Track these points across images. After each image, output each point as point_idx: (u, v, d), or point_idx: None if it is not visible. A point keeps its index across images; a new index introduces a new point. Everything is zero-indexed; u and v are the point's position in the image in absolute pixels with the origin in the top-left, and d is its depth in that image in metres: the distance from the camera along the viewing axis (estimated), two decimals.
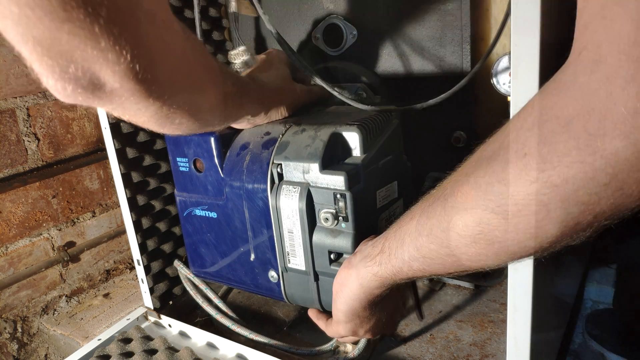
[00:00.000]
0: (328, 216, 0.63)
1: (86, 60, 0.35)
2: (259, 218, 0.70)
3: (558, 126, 0.31)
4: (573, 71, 0.32)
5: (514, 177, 0.34)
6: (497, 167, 0.35)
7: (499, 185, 0.35)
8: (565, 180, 0.31)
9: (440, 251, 0.42)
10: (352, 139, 0.66)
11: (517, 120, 0.36)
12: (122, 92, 0.39)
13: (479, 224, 0.37)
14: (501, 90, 0.79)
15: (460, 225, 0.39)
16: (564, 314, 0.77)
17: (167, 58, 0.41)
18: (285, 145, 0.68)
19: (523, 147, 0.33)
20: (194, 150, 0.75)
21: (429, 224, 0.43)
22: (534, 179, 0.32)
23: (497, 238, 0.37)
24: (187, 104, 0.48)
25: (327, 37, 0.96)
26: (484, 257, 0.39)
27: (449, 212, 0.40)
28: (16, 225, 1.05)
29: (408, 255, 0.46)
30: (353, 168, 0.63)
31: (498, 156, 0.36)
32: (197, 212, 0.77)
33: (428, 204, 0.44)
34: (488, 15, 0.85)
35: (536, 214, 0.33)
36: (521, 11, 0.41)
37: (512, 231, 0.35)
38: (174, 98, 0.45)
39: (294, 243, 0.67)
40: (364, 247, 0.55)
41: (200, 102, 0.52)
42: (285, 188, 0.65)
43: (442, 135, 0.90)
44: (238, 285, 0.79)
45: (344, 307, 0.57)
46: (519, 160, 0.33)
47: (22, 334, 1.07)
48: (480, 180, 0.37)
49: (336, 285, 0.58)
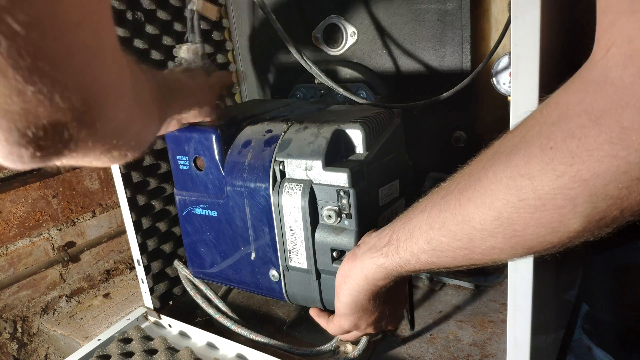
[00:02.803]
0: (331, 213, 0.63)
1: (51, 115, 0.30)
2: (260, 216, 0.69)
3: (588, 121, 0.31)
4: (603, 67, 0.31)
5: (538, 171, 0.33)
6: (520, 161, 0.35)
7: (521, 179, 0.34)
8: (595, 174, 0.31)
9: (452, 244, 0.42)
10: (355, 135, 0.66)
11: (539, 115, 0.36)
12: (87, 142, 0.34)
13: (497, 218, 0.37)
14: (501, 90, 0.79)
15: (477, 219, 0.38)
16: (565, 313, 0.77)
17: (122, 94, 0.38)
18: (287, 142, 0.68)
19: (548, 141, 0.33)
20: (195, 148, 0.75)
21: (442, 217, 0.42)
22: (560, 173, 0.32)
23: (516, 232, 0.36)
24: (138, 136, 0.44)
25: (327, 37, 0.96)
26: (498, 250, 0.39)
27: (464, 205, 0.40)
28: (16, 225, 1.05)
29: (417, 248, 0.46)
30: (357, 165, 0.63)
31: (520, 150, 0.35)
32: (197, 211, 0.77)
33: (440, 196, 0.44)
34: (488, 15, 0.85)
35: (561, 208, 0.33)
36: (521, 11, 0.41)
37: (534, 225, 0.35)
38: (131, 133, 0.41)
39: (296, 241, 0.67)
40: (368, 239, 0.55)
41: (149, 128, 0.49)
42: (288, 185, 0.65)
43: (442, 135, 0.90)
44: (238, 285, 0.78)
45: (347, 299, 0.57)
46: (544, 154, 0.33)
47: (22, 334, 1.07)
48: (500, 174, 0.36)
49: (339, 277, 0.57)
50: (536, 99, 0.43)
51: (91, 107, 0.33)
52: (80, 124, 0.32)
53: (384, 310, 0.60)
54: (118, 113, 0.37)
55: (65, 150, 0.33)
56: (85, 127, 0.33)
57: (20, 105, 0.29)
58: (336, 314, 0.61)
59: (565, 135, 0.32)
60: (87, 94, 0.32)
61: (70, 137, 0.33)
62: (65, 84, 0.30)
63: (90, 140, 0.34)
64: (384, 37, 0.90)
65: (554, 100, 0.35)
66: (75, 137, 0.33)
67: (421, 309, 0.87)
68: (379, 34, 0.91)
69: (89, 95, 0.32)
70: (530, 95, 0.43)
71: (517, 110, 0.45)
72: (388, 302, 0.60)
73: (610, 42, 0.31)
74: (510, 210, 0.36)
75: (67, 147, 0.33)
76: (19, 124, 0.29)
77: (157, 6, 0.87)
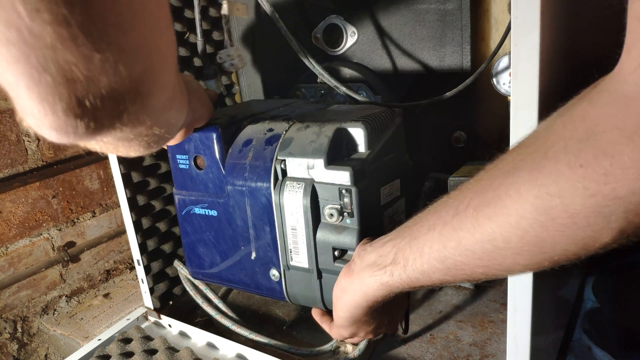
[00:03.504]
0: (333, 212, 0.63)
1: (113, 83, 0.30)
2: (261, 215, 0.69)
3: (621, 137, 0.30)
4: (635, 82, 0.30)
5: (569, 190, 0.32)
6: (546, 179, 0.34)
7: (550, 198, 0.33)
8: (631, 191, 0.30)
9: (470, 263, 0.40)
10: (357, 134, 0.66)
11: (562, 130, 0.34)
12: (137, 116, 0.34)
13: (523, 237, 0.36)
14: (501, 90, 0.79)
15: (500, 238, 0.37)
16: (565, 313, 0.77)
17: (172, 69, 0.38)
18: (289, 141, 0.68)
19: (577, 158, 0.32)
20: (195, 147, 0.74)
21: (456, 236, 0.40)
22: (594, 191, 0.31)
23: (543, 250, 0.35)
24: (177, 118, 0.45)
25: (327, 37, 0.96)
26: (522, 266, 0.38)
27: (483, 224, 0.38)
28: (16, 225, 1.05)
29: (428, 267, 0.44)
30: (359, 163, 0.63)
31: (544, 168, 0.34)
32: (197, 210, 0.77)
33: (450, 214, 0.41)
34: (488, 15, 0.85)
35: (594, 225, 0.32)
36: (521, 11, 0.41)
37: (564, 242, 0.34)
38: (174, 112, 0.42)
39: (297, 240, 0.67)
40: (365, 254, 0.53)
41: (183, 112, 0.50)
42: (289, 184, 0.65)
43: (442, 135, 0.90)
44: (237, 285, 0.78)
45: (344, 315, 0.56)
46: (573, 173, 0.32)
47: (22, 334, 1.07)
48: (526, 193, 0.35)
49: (337, 292, 0.57)
50: (536, 99, 0.43)
51: (149, 77, 0.33)
52: (136, 94, 0.32)
53: (382, 319, 0.60)
54: (168, 85, 0.37)
55: (117, 123, 0.33)
56: (140, 98, 0.33)
57: (84, 73, 0.29)
58: (334, 324, 0.61)
59: (597, 153, 0.31)
60: (148, 63, 0.32)
61: (124, 109, 0.33)
62: (129, 51, 0.30)
63: (142, 112, 0.34)
64: (384, 37, 0.90)
65: (578, 113, 0.34)
66: (129, 108, 0.33)
67: (421, 309, 0.87)
68: (379, 34, 0.91)
69: (148, 65, 0.32)
70: (530, 95, 0.43)
71: (517, 110, 0.44)
72: (387, 313, 0.60)
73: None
74: (538, 229, 0.35)
75: (120, 119, 0.33)
76: (80, 93, 0.29)
77: None
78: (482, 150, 0.90)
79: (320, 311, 0.68)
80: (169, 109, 0.41)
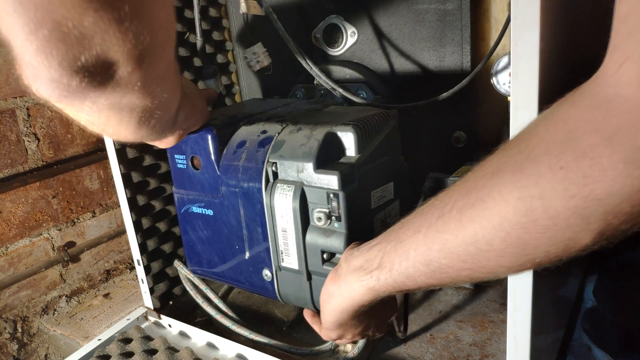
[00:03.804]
0: (321, 216, 0.63)
1: (105, 44, 0.31)
2: (253, 216, 0.70)
3: (600, 139, 0.30)
4: (616, 83, 0.30)
5: (550, 192, 0.32)
6: (528, 181, 0.34)
7: (531, 200, 0.33)
8: (609, 193, 0.30)
9: (454, 265, 0.40)
10: (346, 138, 0.66)
11: (544, 132, 0.34)
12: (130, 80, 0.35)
13: (506, 238, 0.36)
14: (501, 90, 0.79)
15: (483, 241, 0.37)
16: (565, 313, 0.77)
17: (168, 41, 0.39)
18: (280, 144, 0.68)
19: (558, 160, 0.32)
20: (192, 147, 0.75)
21: (441, 238, 0.40)
22: (573, 193, 0.31)
23: (525, 251, 0.36)
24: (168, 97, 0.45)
25: (327, 37, 0.96)
26: (505, 268, 0.38)
27: (467, 226, 0.38)
28: (16, 225, 1.05)
29: (414, 270, 0.44)
30: (347, 168, 0.63)
31: (526, 169, 0.34)
32: (194, 209, 0.78)
33: (436, 216, 0.41)
34: (488, 15, 0.85)
35: (574, 226, 0.32)
36: (521, 11, 0.41)
37: (545, 244, 0.34)
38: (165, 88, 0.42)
39: (288, 242, 0.67)
40: (352, 259, 0.53)
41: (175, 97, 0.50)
42: (280, 187, 0.65)
43: (442, 135, 0.90)
44: (233, 283, 0.79)
45: (331, 318, 0.56)
46: (554, 175, 0.32)
47: (22, 334, 1.07)
48: (507, 194, 0.35)
49: (324, 296, 0.57)
50: (536, 99, 0.43)
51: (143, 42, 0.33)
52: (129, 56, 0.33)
53: (369, 322, 0.60)
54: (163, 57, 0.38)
55: (109, 84, 0.34)
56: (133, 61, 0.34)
57: (79, 29, 0.30)
58: (322, 326, 0.61)
59: (577, 155, 0.31)
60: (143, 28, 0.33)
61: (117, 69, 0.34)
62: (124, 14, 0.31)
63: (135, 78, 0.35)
64: (384, 37, 0.90)
65: (560, 116, 0.34)
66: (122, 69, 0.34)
67: (421, 309, 0.87)
68: (379, 34, 0.91)
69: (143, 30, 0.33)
70: (530, 95, 0.43)
71: (517, 110, 0.44)
72: (374, 315, 0.60)
73: (624, 55, 0.30)
74: (520, 231, 0.35)
75: (113, 79, 0.34)
76: (75, 49, 0.31)
77: None
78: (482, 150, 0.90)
79: (311, 312, 0.68)
80: (162, 83, 0.41)
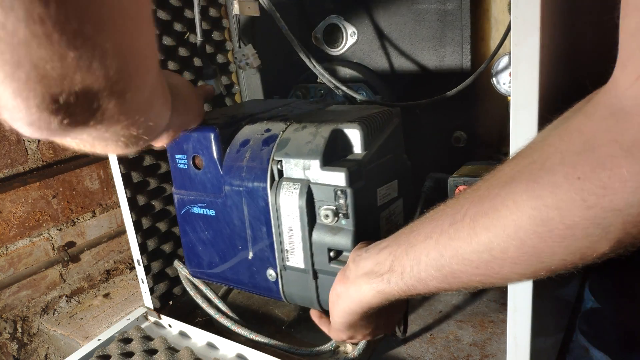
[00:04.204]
0: (328, 213, 0.63)
1: (86, 81, 0.31)
2: (258, 215, 0.69)
3: (619, 150, 0.30)
4: (633, 96, 0.31)
5: (567, 202, 0.32)
6: (543, 191, 0.34)
7: (547, 210, 0.34)
8: (629, 204, 0.30)
9: (467, 271, 0.41)
10: (353, 135, 0.65)
11: (558, 142, 0.35)
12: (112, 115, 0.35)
13: (521, 247, 0.36)
14: (501, 90, 0.79)
15: (498, 249, 0.37)
16: (565, 314, 0.77)
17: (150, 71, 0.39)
18: (285, 141, 0.68)
19: (574, 171, 0.32)
20: (193, 147, 0.74)
21: (453, 245, 0.41)
22: (592, 204, 0.31)
23: (541, 259, 0.36)
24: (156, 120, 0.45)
25: (327, 37, 0.96)
26: (519, 275, 0.38)
27: (480, 234, 0.38)
28: (16, 225, 1.05)
29: (426, 275, 0.44)
30: (354, 164, 0.63)
31: (541, 179, 0.34)
32: (195, 209, 0.77)
33: (447, 223, 0.42)
34: (488, 15, 0.85)
35: (592, 236, 0.32)
36: (521, 11, 0.41)
37: (561, 253, 0.34)
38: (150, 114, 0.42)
39: (293, 241, 0.67)
40: (360, 260, 0.53)
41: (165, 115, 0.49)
42: (286, 185, 0.65)
43: (443, 135, 0.90)
44: (236, 285, 0.78)
45: (340, 320, 0.57)
46: (571, 185, 0.32)
47: (22, 334, 1.07)
48: (523, 204, 0.35)
49: (332, 297, 0.57)
50: (536, 99, 0.43)
51: (125, 76, 0.33)
52: (111, 92, 0.33)
53: (379, 322, 0.60)
54: (146, 86, 0.37)
55: (92, 121, 0.33)
56: (116, 96, 0.33)
57: (58, 70, 0.29)
58: (332, 327, 0.61)
59: (594, 166, 0.31)
60: (124, 62, 0.32)
61: (99, 107, 0.33)
62: (104, 50, 0.30)
63: (117, 112, 0.34)
64: (384, 37, 0.90)
65: (574, 127, 0.34)
66: (104, 106, 0.33)
67: (421, 309, 0.87)
68: (379, 34, 0.91)
69: (124, 64, 0.32)
70: (530, 95, 0.43)
71: (517, 110, 0.44)
72: (383, 316, 0.60)
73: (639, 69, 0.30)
74: (536, 240, 0.35)
75: (94, 116, 0.33)
76: (54, 90, 0.30)
77: (157, 6, 0.87)
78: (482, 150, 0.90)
79: (318, 313, 0.68)
80: (147, 110, 0.40)
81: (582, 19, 0.59)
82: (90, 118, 0.33)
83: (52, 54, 0.28)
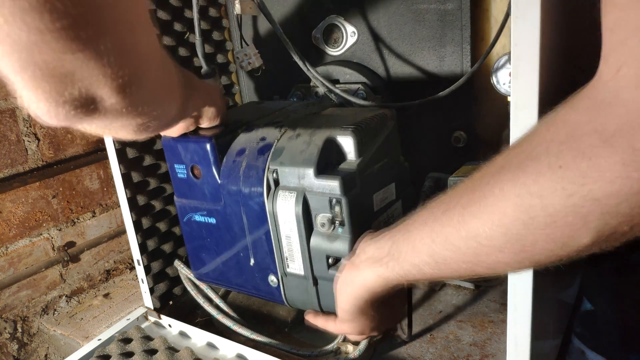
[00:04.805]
0: (324, 221, 0.63)
1: (86, 79, 0.34)
2: (256, 223, 0.70)
3: (598, 141, 0.31)
4: (614, 87, 0.31)
5: (548, 190, 0.33)
6: (527, 179, 0.35)
7: (530, 197, 0.34)
8: (607, 194, 0.31)
9: (456, 258, 0.42)
10: (346, 143, 0.65)
11: (545, 132, 0.35)
12: (116, 108, 0.38)
13: (505, 234, 0.37)
14: (501, 90, 0.79)
15: (484, 235, 0.38)
16: (565, 314, 0.77)
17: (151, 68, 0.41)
18: (280, 150, 0.68)
19: (557, 159, 0.33)
20: (191, 157, 0.75)
21: (444, 232, 0.42)
22: (572, 192, 0.32)
23: (524, 248, 0.36)
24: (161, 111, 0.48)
25: (327, 37, 0.96)
26: (504, 264, 0.39)
27: (468, 221, 0.40)
28: (16, 225, 1.05)
29: (419, 260, 0.46)
30: (348, 173, 0.63)
31: (527, 167, 0.35)
32: (197, 217, 0.78)
33: (441, 211, 0.43)
34: (488, 15, 0.85)
35: (572, 224, 0.33)
36: (521, 11, 0.41)
37: (543, 241, 0.35)
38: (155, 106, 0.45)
39: (292, 248, 0.67)
40: (365, 246, 0.55)
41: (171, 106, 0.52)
42: (282, 194, 0.65)
43: (442, 135, 0.90)
44: (240, 289, 0.79)
45: (347, 307, 0.57)
46: (553, 173, 0.33)
47: (22, 334, 1.07)
48: (508, 192, 0.36)
49: (339, 284, 0.58)
50: (536, 99, 0.43)
51: (123, 75, 0.37)
52: (112, 88, 0.36)
53: (383, 314, 0.61)
54: (148, 81, 0.41)
55: (96, 113, 0.38)
56: (117, 91, 0.37)
57: (59, 70, 0.33)
58: (339, 320, 0.61)
59: (575, 155, 0.32)
60: (122, 63, 0.36)
61: (102, 100, 0.37)
62: (102, 53, 0.34)
63: (121, 104, 0.38)
64: (384, 37, 0.90)
65: (560, 118, 0.35)
66: (107, 100, 0.37)
67: (421, 309, 0.87)
68: (379, 34, 0.91)
69: (123, 63, 0.36)
70: (530, 95, 0.43)
71: (517, 110, 0.44)
72: (388, 306, 0.61)
73: (620, 61, 0.31)
74: (519, 227, 0.36)
75: (98, 109, 0.38)
76: (58, 87, 0.34)
77: (157, 6, 0.87)
78: (482, 150, 0.90)
79: (312, 312, 0.68)
80: (152, 102, 0.43)
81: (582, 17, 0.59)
82: (95, 110, 0.37)
83: (53, 57, 0.32)
